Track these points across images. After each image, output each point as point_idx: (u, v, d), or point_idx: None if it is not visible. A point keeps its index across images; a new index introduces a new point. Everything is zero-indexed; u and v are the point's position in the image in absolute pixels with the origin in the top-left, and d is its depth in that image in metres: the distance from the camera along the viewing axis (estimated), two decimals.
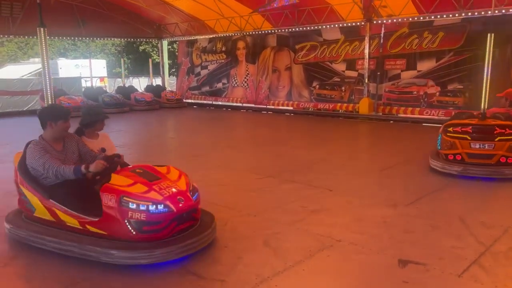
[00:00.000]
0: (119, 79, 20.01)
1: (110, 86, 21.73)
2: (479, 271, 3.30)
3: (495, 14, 10.64)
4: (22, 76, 22.24)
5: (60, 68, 23.80)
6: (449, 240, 3.87)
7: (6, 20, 15.23)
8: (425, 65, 12.18)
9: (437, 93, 11.99)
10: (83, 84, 18.94)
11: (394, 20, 12.48)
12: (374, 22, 12.75)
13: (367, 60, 12.87)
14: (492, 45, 6.47)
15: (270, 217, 4.50)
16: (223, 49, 17.72)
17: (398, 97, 12.79)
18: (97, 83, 19.71)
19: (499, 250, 3.65)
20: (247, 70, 16.97)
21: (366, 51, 12.84)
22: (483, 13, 10.81)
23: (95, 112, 4.43)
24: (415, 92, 12.41)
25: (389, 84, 12.99)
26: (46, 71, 3.96)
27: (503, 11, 10.42)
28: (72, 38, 20.20)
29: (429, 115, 12.02)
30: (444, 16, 11.49)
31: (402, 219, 4.43)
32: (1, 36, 17.40)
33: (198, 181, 5.98)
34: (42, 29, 4.01)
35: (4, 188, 5.54)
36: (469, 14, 11.01)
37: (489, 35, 6.22)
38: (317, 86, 14.71)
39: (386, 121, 12.50)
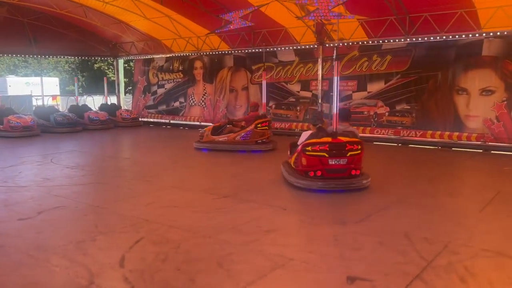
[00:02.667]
0: (73, 98, 19.49)
1: (63, 105, 21.11)
2: (421, 285, 3.48)
3: (436, 40, 11.38)
4: None
5: (9, 86, 22.89)
6: (394, 256, 4.07)
7: None
8: (374, 87, 12.76)
9: (387, 113, 12.55)
10: (34, 102, 18.31)
11: (345, 44, 13.03)
12: (327, 45, 13.25)
13: (321, 81, 13.31)
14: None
15: (225, 238, 4.54)
16: (180, 68, 17.74)
17: None
18: (49, 102, 19.08)
19: (439, 265, 3.87)
20: (204, 90, 17.05)
21: (319, 72, 13.28)
22: (426, 38, 11.51)
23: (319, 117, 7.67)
24: (365, 112, 12.93)
25: (341, 104, 13.41)
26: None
27: (444, 37, 11.15)
28: (23, 55, 19.51)
29: (379, 134, 12.54)
30: (391, 40, 12.14)
31: (351, 237, 4.60)
32: None
33: (152, 202, 5.99)
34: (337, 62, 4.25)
35: None
36: (414, 39, 11.70)
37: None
38: (273, 106, 15.00)
39: None
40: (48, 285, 3.47)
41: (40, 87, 17.70)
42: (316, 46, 13.32)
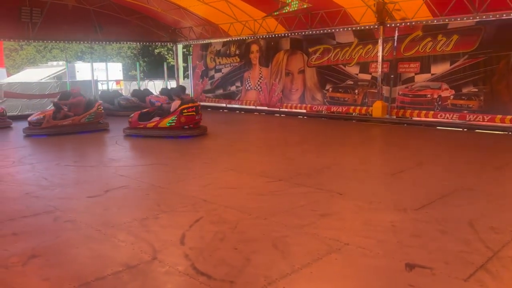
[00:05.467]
0: (135, 82, 20.30)
1: (126, 89, 22.06)
2: (486, 276, 3.33)
3: (509, 17, 10.55)
4: (41, 79, 22.71)
5: (77, 72, 24.23)
6: (457, 245, 3.90)
7: (26, 25, 15.63)
8: (439, 68, 12.12)
9: (451, 96, 11.91)
10: (99, 87, 19.26)
11: (408, 23, 12.44)
12: (388, 25, 12.74)
13: (381, 63, 12.86)
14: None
15: (280, 220, 4.58)
16: (237, 52, 17.87)
17: (411, 100, 12.73)
18: (113, 86, 20.03)
19: (506, 255, 3.67)
20: (260, 73, 17.08)
21: (380, 54, 12.83)
22: (497, 15, 10.71)
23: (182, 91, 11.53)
24: (429, 95, 12.35)
25: (402, 87, 12.95)
26: None
27: None
28: (89, 42, 20.56)
29: (443, 118, 11.95)
30: (458, 19, 11.42)
31: (410, 224, 4.47)
32: (21, 41, 17.86)
33: (210, 183, 6.16)
34: None
35: (25, 189, 5.75)
36: (484, 17, 10.93)
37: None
38: (330, 89, 14.74)
39: (399, 124, 12.46)
40: (115, 258, 3.70)
41: (105, 72, 18.61)
42: (376, 26, 12.86)
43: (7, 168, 7.23)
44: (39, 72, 25.38)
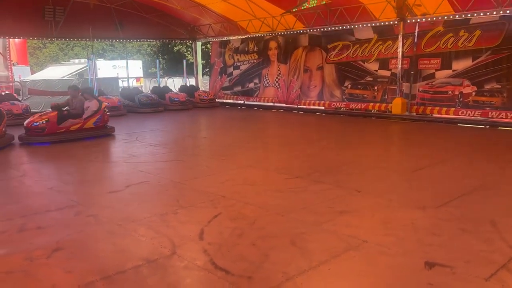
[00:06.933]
0: (155, 79, 20.49)
1: (146, 86, 22.30)
2: (507, 276, 3.28)
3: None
4: (63, 77, 23.14)
5: (99, 69, 24.59)
6: (478, 244, 3.85)
7: (49, 24, 15.95)
8: (460, 64, 11.89)
9: (473, 93, 11.67)
10: (120, 84, 19.51)
11: (429, 19, 12.23)
12: (408, 21, 12.55)
13: (401, 60, 12.68)
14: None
15: (298, 217, 4.59)
16: (255, 49, 17.87)
17: (432, 97, 12.53)
18: (133, 83, 20.27)
19: None
20: (278, 70, 17.05)
21: (400, 50, 12.65)
22: None
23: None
24: (450, 92, 12.13)
25: (423, 84, 12.75)
26: None
27: None
28: (111, 40, 20.84)
29: (464, 115, 11.73)
30: (481, 14, 11.18)
31: (430, 222, 4.42)
32: (45, 39, 18.20)
33: (228, 180, 6.21)
34: None
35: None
36: (508, 11, 10.67)
37: None
38: (349, 85, 14.62)
39: (419, 121, 12.29)
40: (135, 253, 3.77)
41: (125, 69, 18.84)
42: (396, 22, 12.69)
43: None
44: (61, 70, 25.85)
